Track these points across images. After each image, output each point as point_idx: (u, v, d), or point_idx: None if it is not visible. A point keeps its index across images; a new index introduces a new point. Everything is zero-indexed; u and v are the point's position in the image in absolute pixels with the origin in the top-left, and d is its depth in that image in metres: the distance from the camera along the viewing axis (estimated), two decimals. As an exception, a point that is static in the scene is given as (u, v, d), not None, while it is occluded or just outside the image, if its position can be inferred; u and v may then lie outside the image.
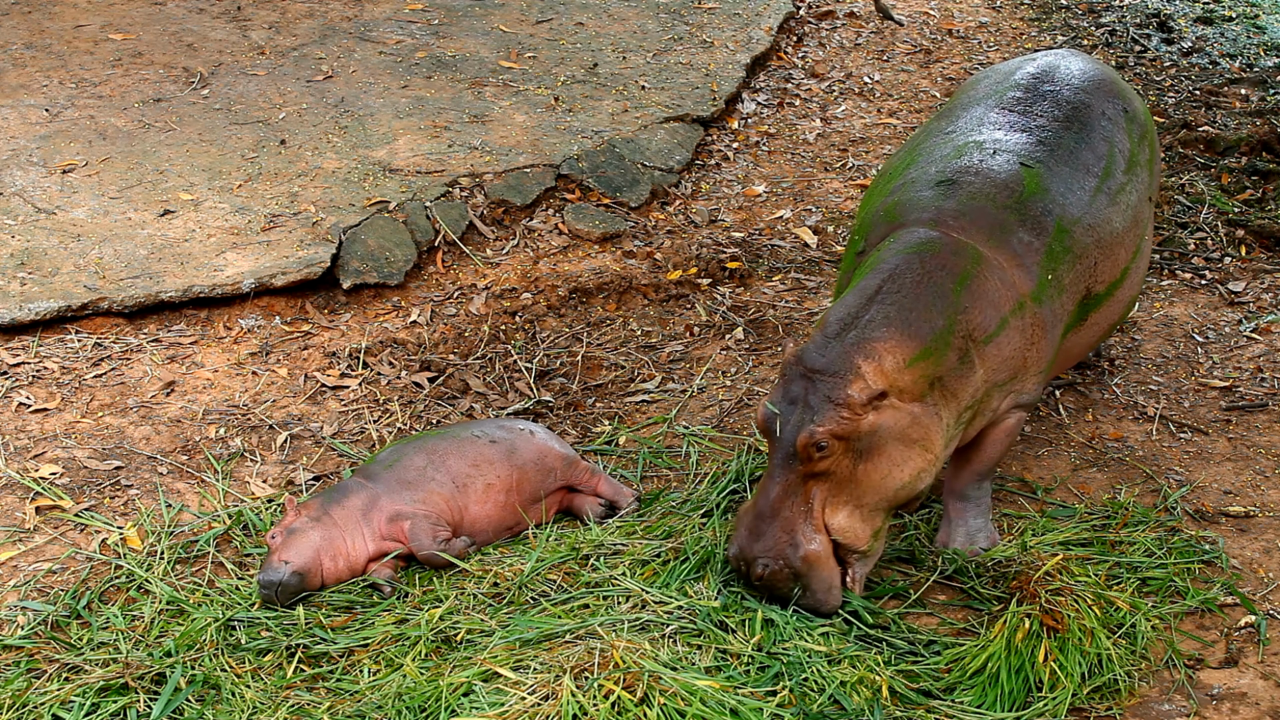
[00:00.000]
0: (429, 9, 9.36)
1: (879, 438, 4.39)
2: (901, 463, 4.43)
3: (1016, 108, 5.20)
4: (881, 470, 4.41)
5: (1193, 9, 10.29)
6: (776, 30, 9.44)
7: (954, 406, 4.55)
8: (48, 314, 6.06)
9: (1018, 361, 4.70)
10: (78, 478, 5.30)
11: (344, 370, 6.03)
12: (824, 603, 4.45)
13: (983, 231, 4.72)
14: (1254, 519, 5.14)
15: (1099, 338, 5.24)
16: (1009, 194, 4.83)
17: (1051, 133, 5.08)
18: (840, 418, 4.32)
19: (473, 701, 4.06)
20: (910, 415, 4.44)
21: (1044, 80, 5.32)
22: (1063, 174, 4.96)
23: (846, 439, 4.34)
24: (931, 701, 4.22)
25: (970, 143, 5.05)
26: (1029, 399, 4.83)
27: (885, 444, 4.40)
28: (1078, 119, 5.16)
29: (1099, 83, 5.37)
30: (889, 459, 4.41)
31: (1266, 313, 6.51)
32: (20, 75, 8.09)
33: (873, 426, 4.37)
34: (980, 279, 4.63)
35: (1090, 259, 4.92)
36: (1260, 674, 4.43)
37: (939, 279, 4.57)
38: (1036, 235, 4.78)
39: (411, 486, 4.89)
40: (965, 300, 4.57)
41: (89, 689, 4.20)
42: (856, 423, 4.34)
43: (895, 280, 4.56)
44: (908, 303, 4.50)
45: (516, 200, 7.18)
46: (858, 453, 4.38)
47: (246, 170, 7.20)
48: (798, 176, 7.93)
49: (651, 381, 6.05)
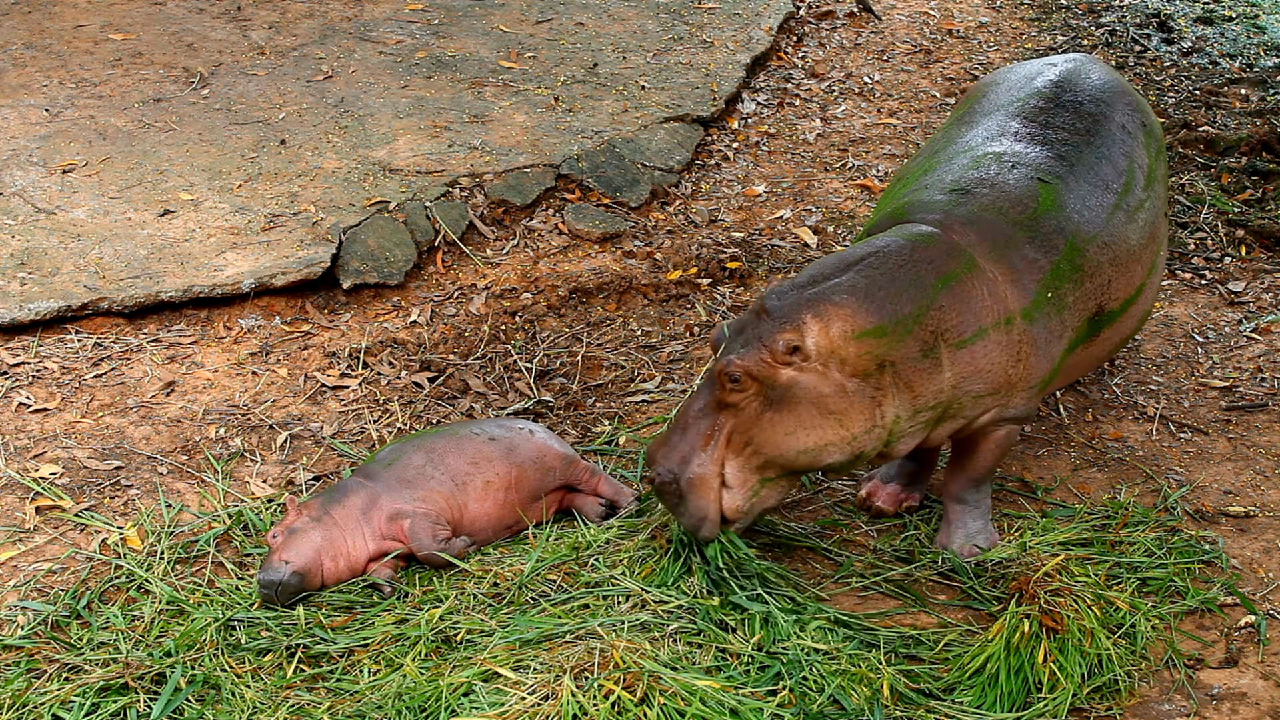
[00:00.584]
0: (429, 9, 9.36)
1: (794, 394, 4.40)
2: (810, 427, 4.42)
3: (1038, 118, 5.14)
4: (787, 426, 4.41)
5: (1193, 9, 10.29)
6: (776, 30, 9.44)
7: (907, 398, 4.53)
8: (48, 314, 6.06)
9: (998, 376, 4.66)
10: (78, 478, 5.30)
11: (344, 370, 6.03)
12: (695, 529, 4.51)
13: (986, 243, 4.70)
14: (1254, 519, 5.14)
15: (1111, 351, 5.20)
16: (1022, 209, 4.80)
17: (1072, 146, 5.03)
18: (759, 359, 4.38)
19: (473, 701, 4.06)
20: (838, 386, 4.43)
21: (1065, 90, 5.25)
22: (1081, 190, 4.92)
23: (760, 381, 4.39)
24: (931, 701, 4.23)
25: (989, 154, 5.01)
26: (1017, 413, 4.79)
27: (799, 403, 4.40)
28: (1099, 132, 5.12)
29: (1119, 95, 5.32)
30: (798, 419, 4.41)
31: (1266, 313, 6.52)
32: (20, 75, 8.09)
33: (790, 380, 4.39)
34: (966, 284, 4.60)
35: (1103, 276, 4.88)
36: (1260, 674, 4.43)
37: (922, 270, 4.56)
38: (1044, 253, 4.74)
39: (411, 485, 4.89)
40: (943, 299, 4.55)
41: (89, 689, 4.20)
42: (774, 371, 4.38)
43: (880, 256, 4.57)
44: (881, 279, 4.50)
45: (516, 200, 7.18)
46: (768, 400, 4.40)
47: (246, 170, 7.20)
48: (798, 176, 7.93)
49: (651, 381, 6.05)
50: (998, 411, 4.75)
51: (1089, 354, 5.04)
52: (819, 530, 5.09)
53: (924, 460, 5.16)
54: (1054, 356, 4.80)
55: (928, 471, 5.19)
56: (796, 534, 5.04)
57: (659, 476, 4.48)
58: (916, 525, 5.09)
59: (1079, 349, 4.94)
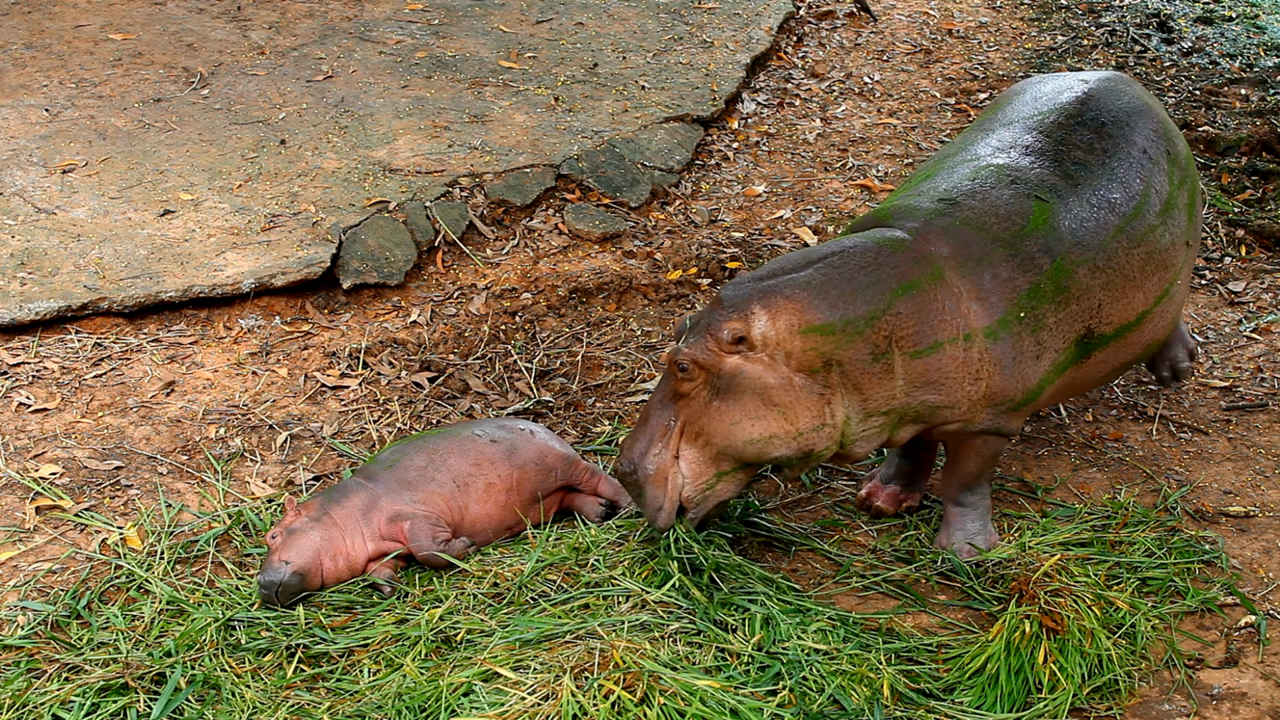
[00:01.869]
0: (429, 9, 9.36)
1: (739, 383, 4.44)
2: (755, 417, 4.46)
3: (1054, 134, 5.05)
4: (733, 415, 4.46)
5: (1193, 9, 10.29)
6: (776, 30, 9.44)
7: (856, 400, 4.53)
8: (48, 314, 6.06)
9: (953, 390, 4.62)
10: (78, 478, 5.30)
11: (344, 370, 6.03)
12: (652, 519, 4.58)
13: (959, 257, 4.65)
14: (1254, 519, 5.14)
15: (1111, 373, 5.09)
16: (1008, 226, 4.74)
17: (1082, 166, 4.95)
18: (705, 347, 4.44)
19: (473, 701, 4.07)
20: (784, 379, 4.46)
21: (1089, 108, 5.14)
22: (1081, 211, 4.84)
23: (707, 370, 4.45)
24: (931, 701, 4.23)
25: (991, 166, 4.94)
26: (986, 428, 4.74)
27: (744, 393, 4.45)
28: (1116, 154, 5.02)
29: (1146, 119, 5.20)
30: (743, 408, 4.46)
31: (1266, 313, 6.52)
32: (20, 75, 8.09)
33: (735, 369, 4.44)
34: (927, 295, 4.57)
35: (1093, 300, 4.80)
36: (1260, 674, 4.43)
37: (884, 275, 4.56)
38: (1022, 272, 4.67)
39: (412, 486, 4.89)
40: (901, 305, 4.54)
41: (89, 689, 4.20)
42: (719, 359, 4.44)
43: (843, 256, 4.59)
44: (838, 278, 4.52)
45: (516, 200, 7.18)
46: (715, 389, 4.46)
47: (246, 170, 7.20)
48: (798, 176, 7.93)
49: (651, 381, 6.05)
50: (961, 425, 4.72)
51: (1083, 375, 4.95)
52: (819, 530, 5.10)
53: (921, 461, 5.16)
54: (1029, 376, 4.71)
55: (926, 471, 5.19)
56: (796, 534, 5.04)
57: (620, 467, 4.58)
58: (916, 525, 5.09)
59: (1069, 370, 4.86)
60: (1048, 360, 4.75)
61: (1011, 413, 4.77)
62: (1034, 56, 9.50)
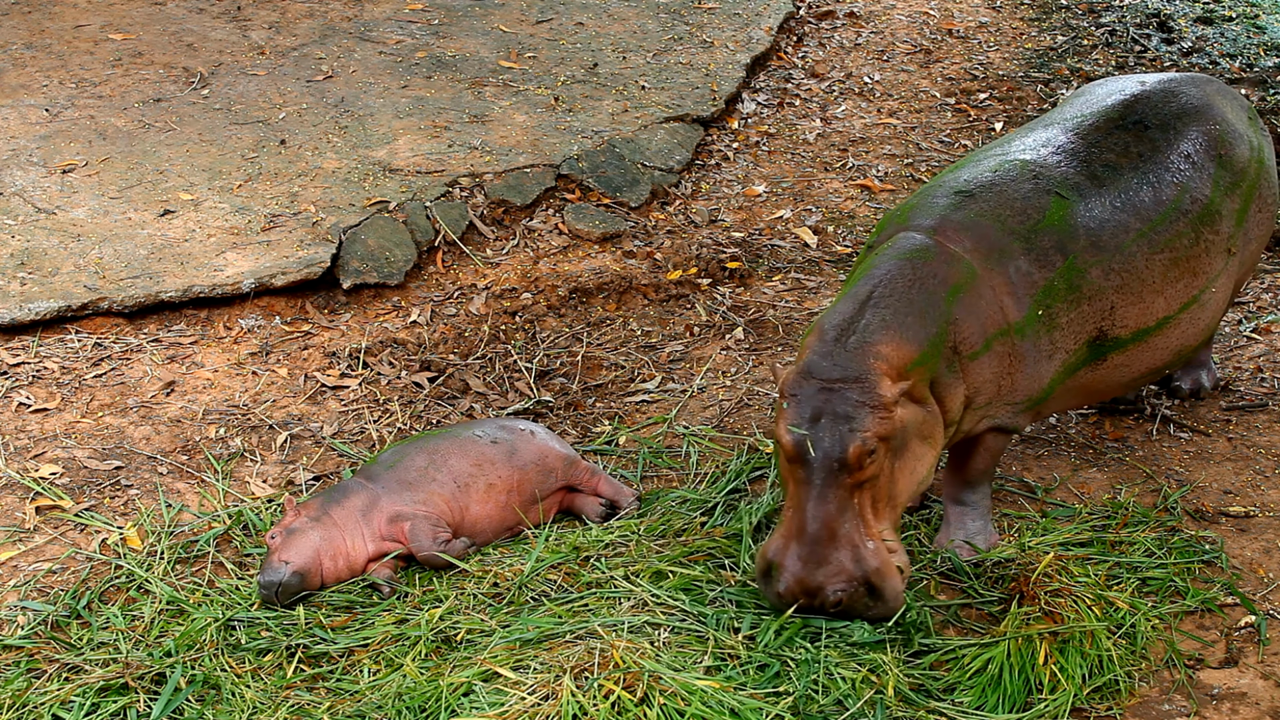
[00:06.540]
0: (429, 9, 9.36)
1: (906, 434, 4.40)
2: (921, 457, 4.46)
3: (1089, 135, 5.01)
4: (910, 465, 4.44)
5: (1193, 9, 10.29)
6: (776, 30, 9.44)
7: (944, 415, 4.55)
8: (48, 314, 6.06)
9: (993, 387, 4.64)
10: (78, 478, 5.30)
11: (344, 370, 6.03)
12: (894, 610, 4.39)
13: (980, 250, 4.65)
14: (1254, 519, 5.14)
15: (1131, 380, 5.05)
16: (1023, 220, 4.72)
17: (1111, 168, 4.91)
18: (880, 418, 4.29)
19: (473, 701, 4.06)
20: (922, 412, 4.45)
21: (1134, 111, 5.10)
22: (1101, 212, 4.81)
23: (888, 439, 4.33)
24: (932, 702, 4.22)
25: (1015, 161, 4.91)
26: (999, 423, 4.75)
27: (910, 440, 4.42)
28: (1152, 158, 4.97)
29: (1197, 124, 5.13)
30: (913, 454, 4.44)
31: (1266, 313, 6.51)
32: (20, 75, 8.09)
33: (903, 422, 4.37)
34: (973, 294, 4.58)
35: (1105, 301, 4.78)
36: (1260, 674, 4.43)
37: (931, 286, 4.54)
38: (1038, 267, 4.67)
39: (412, 487, 4.89)
40: (956, 312, 4.53)
41: (89, 689, 4.20)
42: (894, 421, 4.32)
43: (887, 285, 4.53)
44: (902, 307, 4.47)
45: (516, 200, 7.18)
46: (893, 452, 4.38)
47: (246, 170, 7.20)
48: (798, 176, 7.93)
49: (651, 381, 6.05)
50: (988, 422, 4.74)
51: (1096, 378, 4.92)
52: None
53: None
54: (1042, 376, 4.72)
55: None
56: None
57: (841, 592, 4.31)
58: (916, 525, 5.09)
59: (1081, 371, 4.85)
60: (1059, 361, 4.76)
61: (1023, 411, 4.79)
62: (1034, 56, 9.50)
